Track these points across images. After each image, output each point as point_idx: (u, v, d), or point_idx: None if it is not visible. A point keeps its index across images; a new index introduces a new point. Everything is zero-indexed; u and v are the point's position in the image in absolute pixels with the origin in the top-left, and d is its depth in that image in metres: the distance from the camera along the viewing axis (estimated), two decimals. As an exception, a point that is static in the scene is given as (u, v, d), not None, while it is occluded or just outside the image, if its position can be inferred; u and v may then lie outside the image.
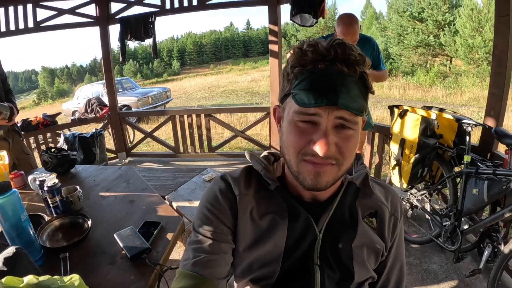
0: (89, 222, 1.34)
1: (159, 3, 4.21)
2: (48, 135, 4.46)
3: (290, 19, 3.47)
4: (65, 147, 4.02)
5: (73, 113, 11.46)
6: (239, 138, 5.05)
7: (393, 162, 2.41)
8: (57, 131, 4.55)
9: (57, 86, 52.59)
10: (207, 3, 4.13)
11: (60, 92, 48.70)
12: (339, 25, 2.41)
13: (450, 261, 2.23)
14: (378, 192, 0.80)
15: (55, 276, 0.81)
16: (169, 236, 1.31)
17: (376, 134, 3.26)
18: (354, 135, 0.64)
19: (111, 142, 5.08)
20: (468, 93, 14.85)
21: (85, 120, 4.70)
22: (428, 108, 2.32)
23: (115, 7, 4.33)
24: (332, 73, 0.60)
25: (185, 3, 4.11)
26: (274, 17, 3.92)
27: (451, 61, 20.71)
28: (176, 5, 4.15)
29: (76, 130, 4.91)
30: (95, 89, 11.86)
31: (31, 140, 4.29)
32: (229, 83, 23.81)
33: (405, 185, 2.37)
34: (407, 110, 2.31)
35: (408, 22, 21.38)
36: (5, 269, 0.90)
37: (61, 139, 4.20)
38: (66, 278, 0.82)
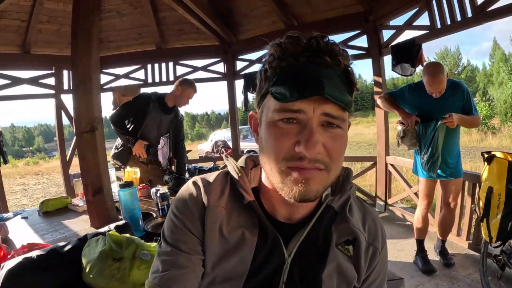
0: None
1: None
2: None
3: (392, 70, 3.64)
4: (186, 175, 4.94)
5: (206, 153, 13.31)
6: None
7: (481, 214, 2.25)
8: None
9: (197, 129, 60.95)
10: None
11: (199, 135, 56.31)
12: (425, 75, 2.47)
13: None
14: (357, 216, 0.73)
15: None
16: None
17: (466, 183, 3.03)
18: (343, 135, 0.59)
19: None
20: None
21: (210, 158, 5.62)
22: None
23: (239, 65, 5.23)
24: (316, 64, 0.56)
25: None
26: (377, 69, 4.11)
27: None
28: None
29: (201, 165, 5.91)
30: (227, 134, 13.18)
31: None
32: (355, 135, 23.57)
33: (494, 240, 2.16)
34: (494, 155, 2.18)
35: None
36: (115, 231, 1.43)
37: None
38: (152, 244, 1.29)
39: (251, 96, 5.08)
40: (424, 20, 3.43)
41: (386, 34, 4.01)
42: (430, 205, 2.80)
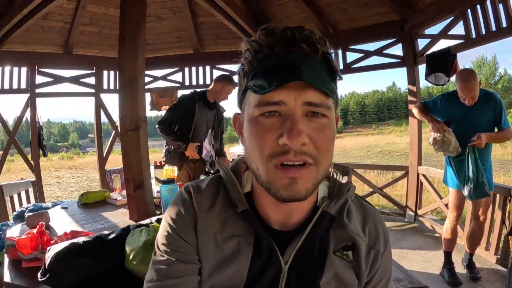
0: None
1: None
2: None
3: (425, 79, 3.60)
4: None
5: (238, 156, 13.60)
6: (377, 195, 5.09)
7: (510, 228, 2.19)
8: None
9: (229, 132, 61.64)
10: (352, 67, 4.63)
11: (231, 138, 57.00)
12: (457, 81, 2.46)
13: None
14: (356, 220, 0.70)
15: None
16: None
17: (497, 196, 2.95)
18: (329, 125, 0.56)
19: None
20: None
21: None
22: None
23: None
24: (293, 53, 0.55)
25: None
26: (412, 78, 4.07)
27: None
28: None
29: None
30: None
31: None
32: (388, 144, 23.15)
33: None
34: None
35: None
36: (157, 223, 1.53)
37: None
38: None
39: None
40: (459, 29, 3.41)
41: (421, 42, 3.99)
42: (459, 217, 2.75)
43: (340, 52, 4.65)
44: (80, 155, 31.28)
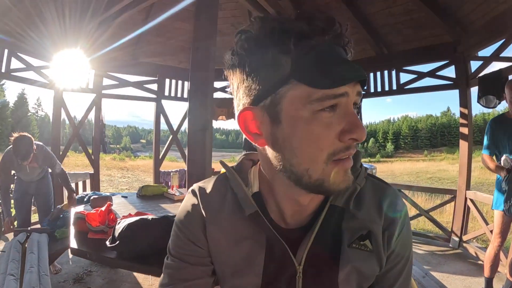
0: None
1: (364, 87, 5.09)
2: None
3: (477, 102, 3.60)
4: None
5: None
6: (423, 218, 5.01)
7: None
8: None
9: None
10: (405, 87, 4.70)
11: None
12: (507, 88, 2.50)
13: None
14: (370, 204, 0.65)
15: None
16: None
17: None
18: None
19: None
20: None
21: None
22: None
23: None
24: (339, 46, 0.53)
25: (386, 88, 4.84)
26: (464, 101, 4.05)
27: None
28: (379, 89, 4.94)
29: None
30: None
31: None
32: (438, 171, 22.22)
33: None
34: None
35: None
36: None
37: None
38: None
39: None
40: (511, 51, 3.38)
41: (474, 65, 3.98)
42: (503, 243, 2.71)
43: (394, 72, 4.74)
44: (132, 158, 32.93)
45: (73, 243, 1.92)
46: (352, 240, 0.62)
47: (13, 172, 3.23)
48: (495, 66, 3.66)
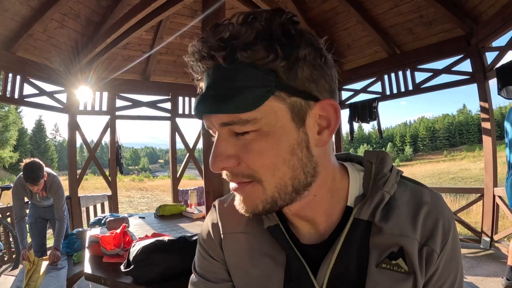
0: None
1: (380, 90, 5.03)
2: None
3: (498, 94, 3.47)
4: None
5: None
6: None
7: None
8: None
9: None
10: (421, 87, 4.59)
11: None
12: None
13: None
14: (402, 214, 0.54)
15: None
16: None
17: None
18: (256, 140, 0.47)
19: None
20: None
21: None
22: None
23: (344, 95, 5.47)
24: (209, 69, 0.48)
25: (402, 89, 4.76)
26: (483, 94, 3.91)
27: None
28: (395, 90, 4.87)
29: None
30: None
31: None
32: (460, 170, 21.65)
33: None
34: None
35: None
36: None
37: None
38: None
39: (365, 129, 5.24)
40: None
41: (490, 56, 3.86)
42: None
43: (408, 72, 4.67)
44: (150, 178, 33.23)
45: (87, 268, 1.85)
46: (381, 260, 0.53)
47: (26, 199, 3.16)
48: (512, 54, 3.53)
